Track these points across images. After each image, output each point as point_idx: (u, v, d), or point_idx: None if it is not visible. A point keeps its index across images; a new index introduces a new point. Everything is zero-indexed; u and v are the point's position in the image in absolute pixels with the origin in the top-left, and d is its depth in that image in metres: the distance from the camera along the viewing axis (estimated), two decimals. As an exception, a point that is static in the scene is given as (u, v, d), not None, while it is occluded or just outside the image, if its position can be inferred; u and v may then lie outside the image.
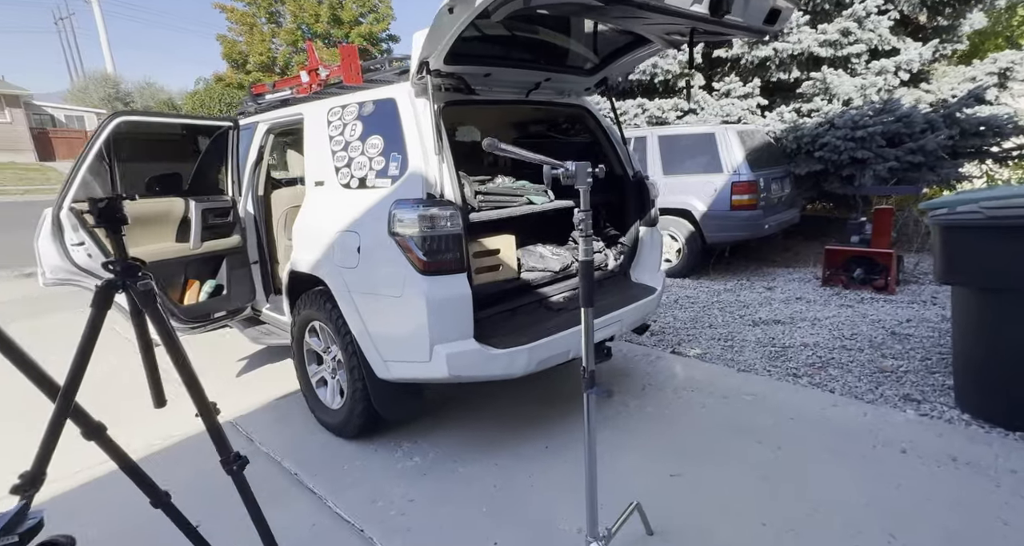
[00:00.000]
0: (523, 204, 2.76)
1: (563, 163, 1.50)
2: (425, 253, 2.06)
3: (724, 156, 5.69)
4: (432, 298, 2.08)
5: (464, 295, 2.15)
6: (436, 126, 2.26)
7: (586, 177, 1.51)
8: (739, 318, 4.71)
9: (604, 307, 2.76)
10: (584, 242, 1.53)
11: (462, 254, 2.13)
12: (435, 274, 2.09)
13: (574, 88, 3.09)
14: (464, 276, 2.15)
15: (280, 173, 5.61)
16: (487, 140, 1.23)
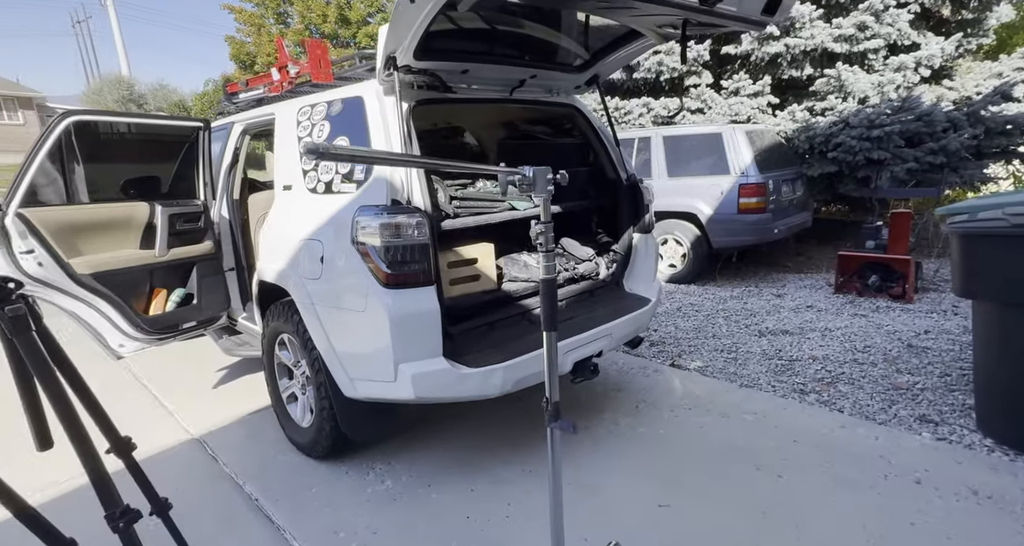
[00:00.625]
0: (504, 210, 2.58)
1: (519, 169, 1.31)
2: (388, 264, 1.89)
3: (731, 157, 5.45)
4: (395, 313, 1.92)
5: (431, 310, 1.97)
6: (405, 127, 2.09)
7: (546, 184, 1.32)
8: (745, 328, 4.48)
9: (592, 320, 2.58)
10: (545, 258, 1.35)
11: (430, 265, 1.96)
12: (399, 287, 1.92)
13: (563, 86, 2.91)
14: (432, 289, 1.98)
15: (262, 175, 5.49)
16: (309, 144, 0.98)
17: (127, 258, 2.57)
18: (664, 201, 5.81)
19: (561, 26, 2.59)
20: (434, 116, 3.53)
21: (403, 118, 2.07)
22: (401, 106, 2.04)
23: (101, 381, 3.81)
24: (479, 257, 2.37)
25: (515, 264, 2.66)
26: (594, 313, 2.69)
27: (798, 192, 6.05)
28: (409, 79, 2.20)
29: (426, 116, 3.44)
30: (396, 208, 1.94)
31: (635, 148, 6.14)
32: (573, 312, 2.66)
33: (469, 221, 2.31)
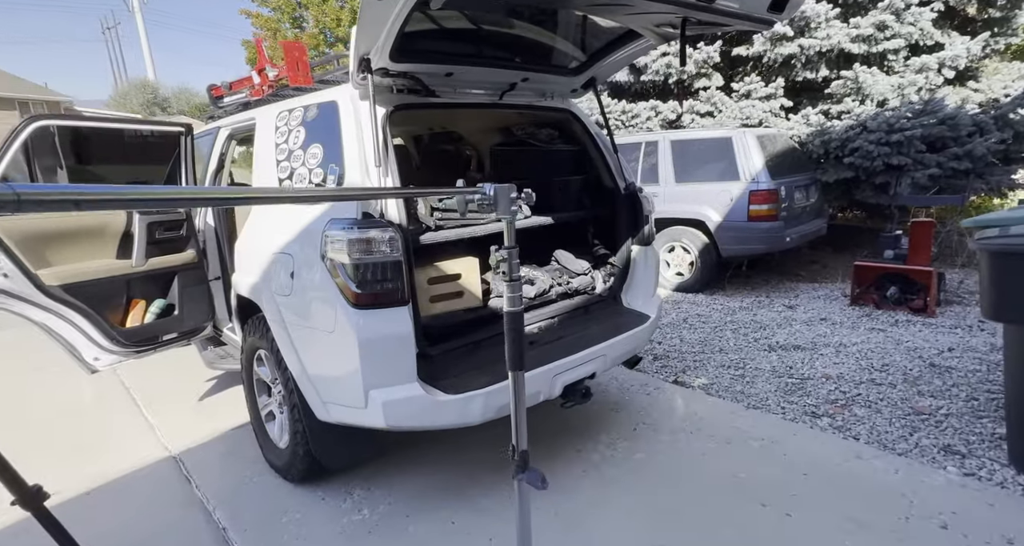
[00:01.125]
0: (493, 221, 2.43)
1: (479, 187, 1.16)
2: (358, 283, 1.75)
3: (742, 162, 5.24)
4: (365, 336, 1.77)
5: (405, 332, 1.83)
6: (382, 133, 1.95)
7: (510, 204, 1.16)
8: (754, 342, 4.27)
9: (585, 339, 2.41)
10: (509, 288, 1.20)
11: (403, 284, 1.81)
12: (370, 307, 1.78)
13: (558, 90, 2.75)
14: (406, 310, 1.84)
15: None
16: None
17: (101, 268, 2.47)
18: (672, 207, 5.62)
19: (554, 26, 2.44)
20: (419, 122, 3.40)
21: (378, 124, 1.93)
22: (376, 111, 1.90)
23: (90, 391, 3.75)
24: (463, 272, 2.23)
25: (504, 278, 2.51)
26: (588, 331, 2.53)
27: (812, 198, 5.81)
28: (387, 83, 2.07)
29: (409, 122, 3.31)
30: (368, 222, 1.80)
31: (642, 152, 5.96)
32: (565, 330, 2.50)
33: (451, 234, 2.17)
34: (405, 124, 3.37)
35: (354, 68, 1.87)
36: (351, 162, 1.91)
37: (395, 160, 1.96)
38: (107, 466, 2.61)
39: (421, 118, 3.16)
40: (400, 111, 2.10)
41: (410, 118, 3.00)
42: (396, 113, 2.08)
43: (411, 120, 3.19)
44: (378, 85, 2.05)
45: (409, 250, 1.88)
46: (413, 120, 3.27)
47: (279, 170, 2.25)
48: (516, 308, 1.24)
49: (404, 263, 1.83)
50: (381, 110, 2.02)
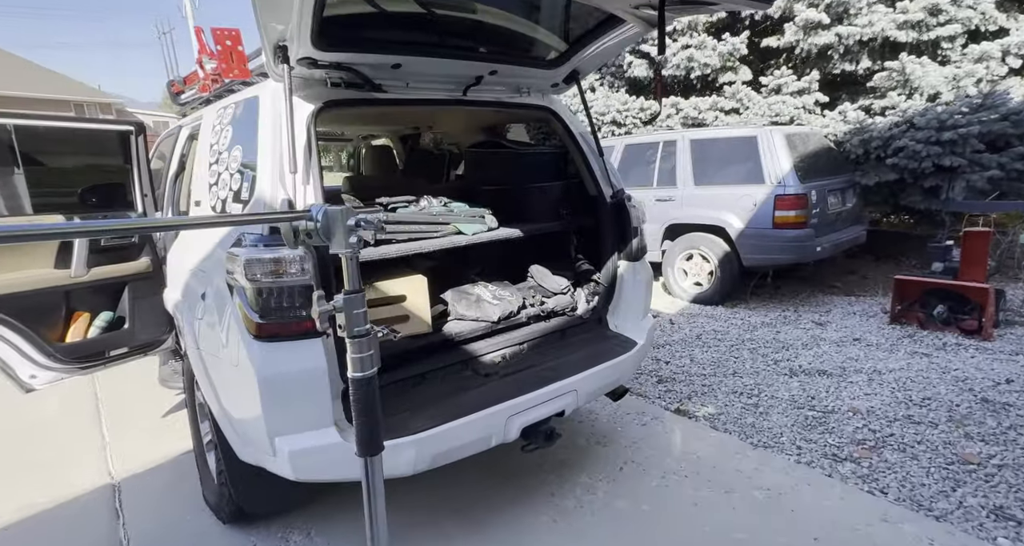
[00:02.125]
0: (449, 234, 2.13)
1: (308, 209, 0.87)
2: (260, 311, 1.48)
3: (767, 164, 4.76)
4: (266, 373, 1.51)
5: (316, 368, 1.55)
6: (306, 134, 1.69)
7: (348, 234, 0.86)
8: (773, 364, 3.82)
9: (555, 371, 2.09)
10: (355, 346, 0.90)
11: (315, 312, 1.54)
12: (274, 339, 1.51)
13: (535, 85, 2.43)
14: (319, 342, 1.56)
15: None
16: None
17: (34, 279, 2.32)
18: (690, 212, 5.19)
19: (524, 11, 2.12)
20: (365, 121, 3.10)
21: (303, 124, 1.66)
22: (294, 108, 1.62)
23: (56, 405, 3.63)
24: (408, 293, 1.94)
25: (465, 299, 2.21)
26: (560, 361, 2.20)
27: (849, 203, 5.26)
28: (319, 75, 1.79)
29: (351, 121, 3.00)
30: (276, 238, 1.53)
31: (658, 153, 5.54)
32: (533, 359, 2.18)
33: (391, 250, 1.88)
34: (346, 123, 3.07)
35: (269, 58, 1.61)
36: (263, 168, 1.65)
37: (318, 164, 1.68)
38: (41, 493, 2.45)
39: (366, 117, 2.88)
40: (333, 108, 1.83)
41: (351, 117, 2.73)
42: (327, 111, 1.81)
43: (353, 119, 2.91)
44: (306, 78, 1.79)
45: (329, 270, 1.61)
46: (356, 119, 2.99)
47: (209, 174, 2.03)
48: (364, 373, 0.93)
49: (319, 286, 1.55)
50: (308, 107, 1.75)
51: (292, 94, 1.61)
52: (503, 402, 1.87)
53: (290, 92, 1.61)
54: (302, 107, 1.73)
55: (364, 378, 0.96)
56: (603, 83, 7.09)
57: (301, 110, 1.73)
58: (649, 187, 5.57)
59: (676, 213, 5.31)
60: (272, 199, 1.58)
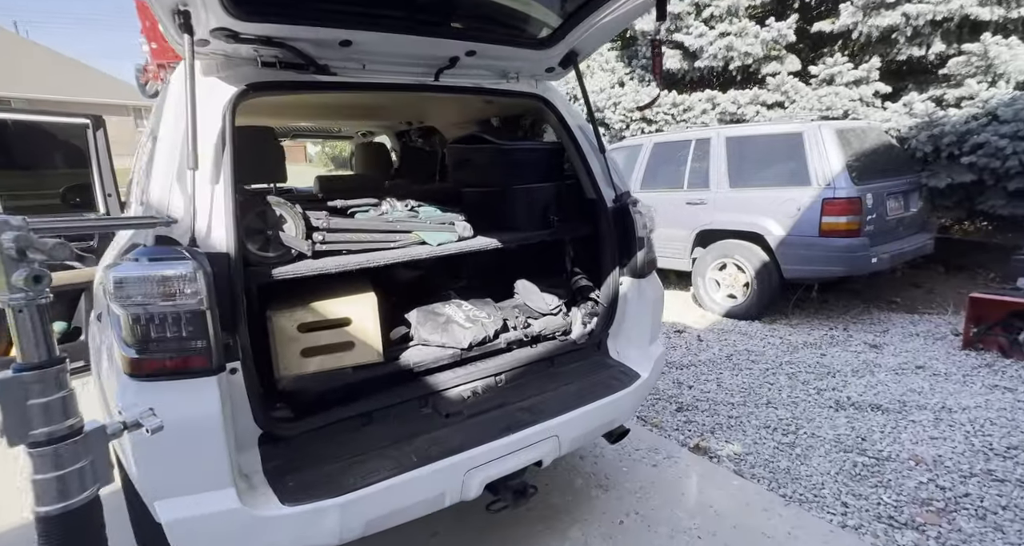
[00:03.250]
0: (410, 244, 1.81)
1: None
2: (135, 344, 1.19)
3: (814, 163, 4.21)
4: None
5: (207, 416, 1.25)
6: (222, 123, 1.40)
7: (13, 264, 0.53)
8: (816, 394, 3.30)
9: (532, 411, 1.74)
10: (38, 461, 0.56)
11: (210, 343, 1.23)
12: (152, 379, 1.22)
13: (526, 68, 2.07)
14: (213, 381, 1.26)
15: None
16: None
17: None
18: (724, 217, 4.69)
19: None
20: (313, 110, 2.72)
21: (193, 107, 1.36)
22: (193, 87, 1.32)
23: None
24: (355, 315, 1.62)
25: (431, 321, 1.88)
26: (543, 397, 1.84)
27: (912, 208, 4.61)
28: (247, 51, 1.50)
29: (292, 109, 2.62)
30: (158, 251, 1.24)
31: (691, 152, 5.05)
32: (508, 396, 1.82)
33: (332, 264, 1.56)
34: (295, 113, 2.70)
35: (167, 25, 1.31)
36: (158, 163, 1.36)
37: (230, 158, 1.38)
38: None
39: (321, 106, 2.57)
40: (263, 93, 1.53)
41: (299, 105, 2.41)
42: (256, 96, 1.51)
43: (303, 108, 2.57)
44: (230, 55, 1.50)
45: (236, 291, 1.30)
46: (308, 108, 2.66)
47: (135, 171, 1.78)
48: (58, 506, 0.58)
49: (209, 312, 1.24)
50: (227, 90, 1.46)
51: (194, 72, 1.31)
52: (462, 452, 1.52)
53: (192, 70, 1.31)
54: (219, 90, 1.44)
55: (58, 513, 0.58)
56: (632, 76, 6.61)
57: (218, 94, 1.44)
58: (679, 189, 5.10)
59: (708, 218, 4.82)
60: (160, 201, 1.29)
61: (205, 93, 1.43)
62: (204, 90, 1.44)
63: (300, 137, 3.91)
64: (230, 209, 1.32)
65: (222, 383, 1.25)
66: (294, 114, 2.78)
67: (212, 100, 1.41)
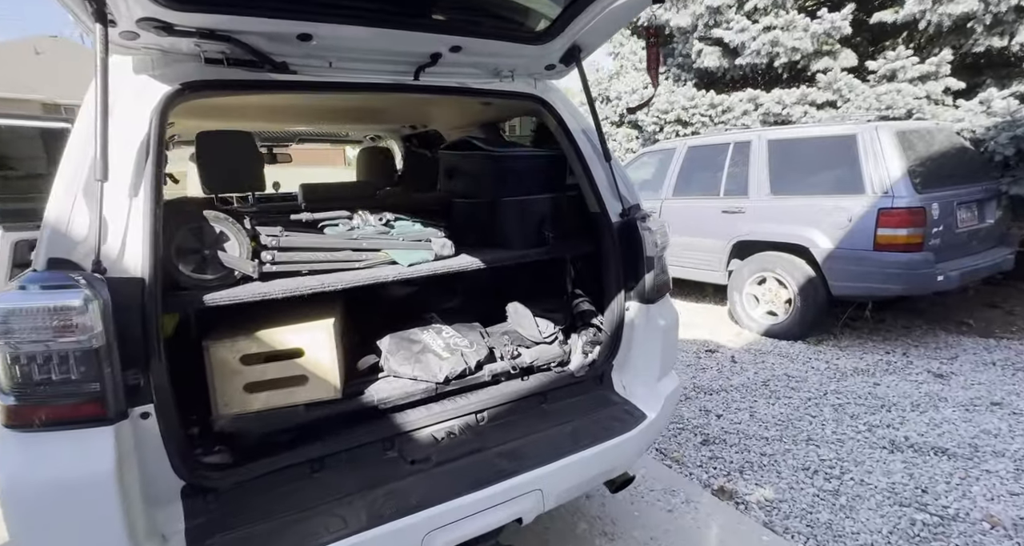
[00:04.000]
0: (378, 264, 1.61)
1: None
2: (16, 390, 1.03)
3: (869, 168, 3.76)
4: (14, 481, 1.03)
5: (98, 473, 1.06)
6: (150, 127, 1.25)
7: None
8: (866, 431, 2.89)
9: (514, 457, 1.51)
10: None
11: (106, 387, 1.07)
12: (37, 429, 1.06)
13: (522, 66, 1.84)
14: (111, 431, 1.08)
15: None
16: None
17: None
18: (763, 227, 4.29)
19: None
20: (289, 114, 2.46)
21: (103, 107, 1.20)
22: (105, 82, 1.15)
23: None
24: (308, 346, 1.44)
25: (404, 349, 1.67)
26: (529, 439, 1.60)
27: (989, 219, 4.06)
28: (188, 46, 1.33)
29: (261, 113, 2.39)
30: (50, 277, 1.08)
31: (728, 157, 4.67)
32: (489, 438, 1.59)
33: (275, 288, 1.38)
34: (253, 116, 2.48)
35: (80, 14, 1.15)
36: (65, 173, 1.20)
37: (156, 171, 1.22)
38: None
39: (284, 109, 2.37)
40: (200, 94, 1.36)
41: (256, 108, 2.21)
42: (195, 97, 1.35)
43: (263, 111, 2.35)
44: (167, 50, 1.34)
45: (151, 323, 1.13)
46: (268, 112, 2.45)
47: None
48: None
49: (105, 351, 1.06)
50: (158, 89, 1.29)
51: (106, 68, 1.13)
52: (423, 510, 1.31)
53: (104, 65, 1.14)
54: (150, 90, 1.28)
55: None
56: (667, 76, 6.23)
57: (148, 95, 1.28)
58: (715, 196, 4.72)
59: (746, 228, 4.42)
60: (59, 218, 1.13)
61: (133, 93, 1.27)
62: (132, 90, 1.28)
63: (307, 141, 3.83)
64: (149, 226, 1.16)
65: (122, 433, 1.08)
66: (284, 117, 2.63)
67: (141, 102, 1.26)
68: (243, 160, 1.76)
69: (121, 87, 1.26)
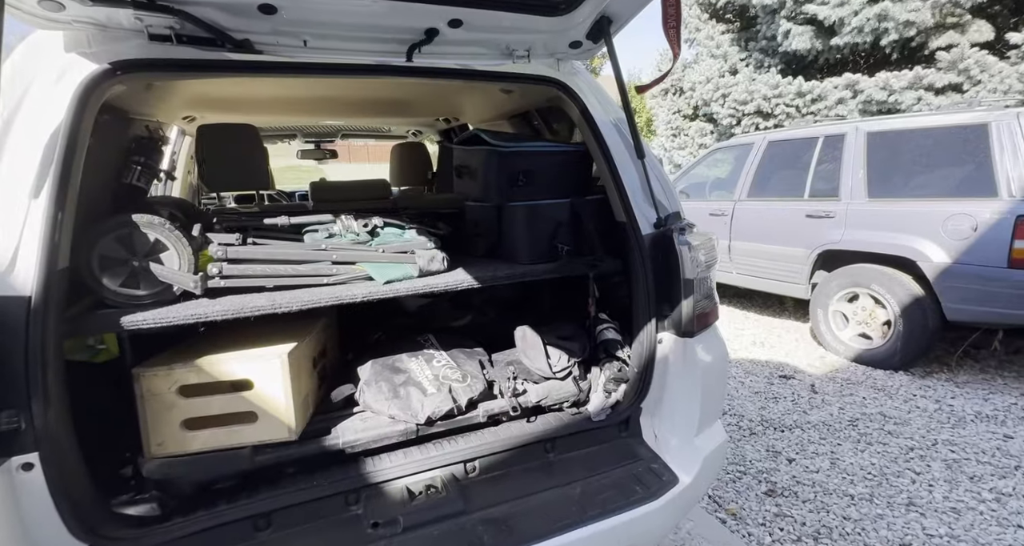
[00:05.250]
0: (351, 280, 1.37)
1: None
2: None
3: (1006, 166, 3.03)
4: None
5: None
6: (68, 117, 1.07)
7: None
8: (992, 501, 2.27)
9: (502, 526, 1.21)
10: None
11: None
12: None
13: (539, 43, 1.53)
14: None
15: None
16: None
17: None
18: (857, 235, 3.64)
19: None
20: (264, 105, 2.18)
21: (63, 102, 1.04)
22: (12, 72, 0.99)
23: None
24: (256, 378, 1.21)
25: (386, 380, 1.42)
26: (526, 501, 1.30)
27: None
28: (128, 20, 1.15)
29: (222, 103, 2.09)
30: None
31: (816, 153, 4.04)
32: (470, 498, 1.31)
33: (213, 310, 1.16)
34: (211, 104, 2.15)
35: None
36: None
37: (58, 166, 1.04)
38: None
39: (255, 98, 2.11)
40: (135, 74, 1.18)
41: (215, 95, 1.96)
42: (120, 79, 1.16)
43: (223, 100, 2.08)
44: (100, 24, 1.16)
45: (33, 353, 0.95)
46: (296, 101, 2.21)
47: None
48: None
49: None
50: (79, 71, 1.12)
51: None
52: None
53: None
54: (75, 70, 1.11)
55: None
56: (748, 63, 5.52)
57: (72, 75, 1.10)
58: (798, 198, 4.09)
59: (835, 235, 3.77)
60: None
61: (56, 75, 1.10)
62: (56, 70, 1.11)
63: (349, 136, 3.73)
64: (45, 234, 0.98)
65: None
66: (301, 109, 2.43)
67: (62, 84, 1.09)
68: (246, 156, 1.61)
69: (42, 66, 1.10)
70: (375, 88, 1.93)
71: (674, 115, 8.53)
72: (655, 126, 10.86)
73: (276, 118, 2.67)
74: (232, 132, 1.68)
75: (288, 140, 3.71)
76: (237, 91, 1.90)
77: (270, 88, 1.93)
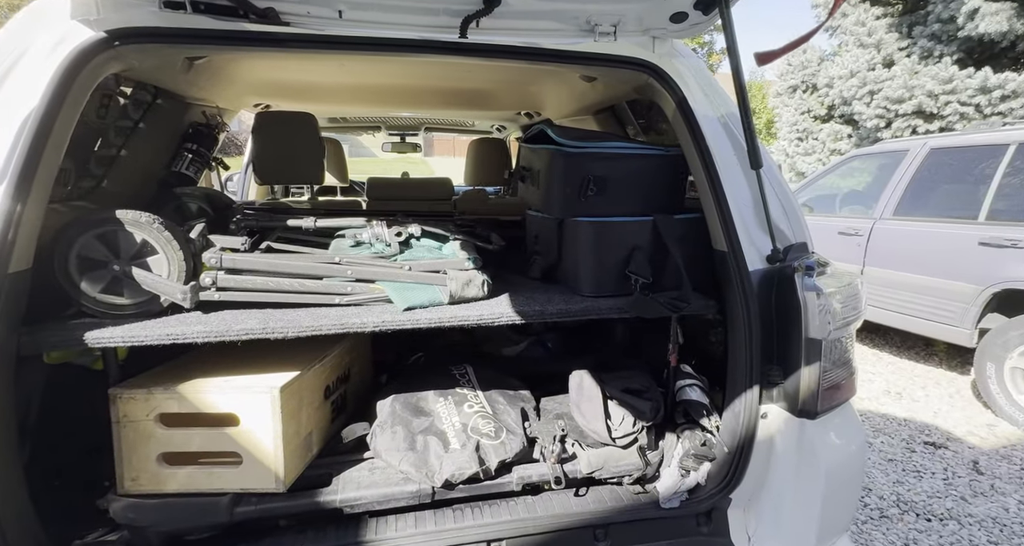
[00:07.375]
0: (372, 300, 1.13)
1: None
2: None
3: None
4: None
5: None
6: (53, 92, 0.95)
7: None
8: None
9: None
10: None
11: None
12: None
13: (628, 14, 1.19)
14: None
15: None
16: None
17: None
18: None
19: None
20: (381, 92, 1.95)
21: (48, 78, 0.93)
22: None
23: None
24: (241, 413, 1.02)
25: (403, 425, 1.16)
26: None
27: None
28: None
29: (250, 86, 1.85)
30: None
31: (1002, 165, 3.19)
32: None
33: (192, 330, 0.98)
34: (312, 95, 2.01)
35: None
36: None
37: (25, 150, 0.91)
38: None
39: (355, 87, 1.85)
40: (134, 46, 1.03)
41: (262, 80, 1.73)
42: (121, 52, 1.02)
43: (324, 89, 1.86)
44: None
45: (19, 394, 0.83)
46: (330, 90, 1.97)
47: None
48: None
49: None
50: (71, 40, 0.98)
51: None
52: None
53: None
54: (72, 39, 0.98)
55: None
56: (910, 53, 4.46)
57: (64, 48, 0.97)
58: (969, 220, 3.25)
59: (1019, 270, 2.92)
60: None
61: (51, 43, 0.98)
62: (52, 39, 0.99)
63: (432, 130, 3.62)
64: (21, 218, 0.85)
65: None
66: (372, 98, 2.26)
67: (56, 55, 0.96)
68: (300, 147, 1.49)
69: (37, 35, 0.99)
70: (448, 76, 1.71)
71: (802, 116, 7.45)
72: (776, 128, 9.64)
73: (351, 108, 2.59)
74: (287, 121, 1.55)
75: (373, 132, 3.70)
76: (305, 77, 1.79)
77: (338, 75, 1.80)
